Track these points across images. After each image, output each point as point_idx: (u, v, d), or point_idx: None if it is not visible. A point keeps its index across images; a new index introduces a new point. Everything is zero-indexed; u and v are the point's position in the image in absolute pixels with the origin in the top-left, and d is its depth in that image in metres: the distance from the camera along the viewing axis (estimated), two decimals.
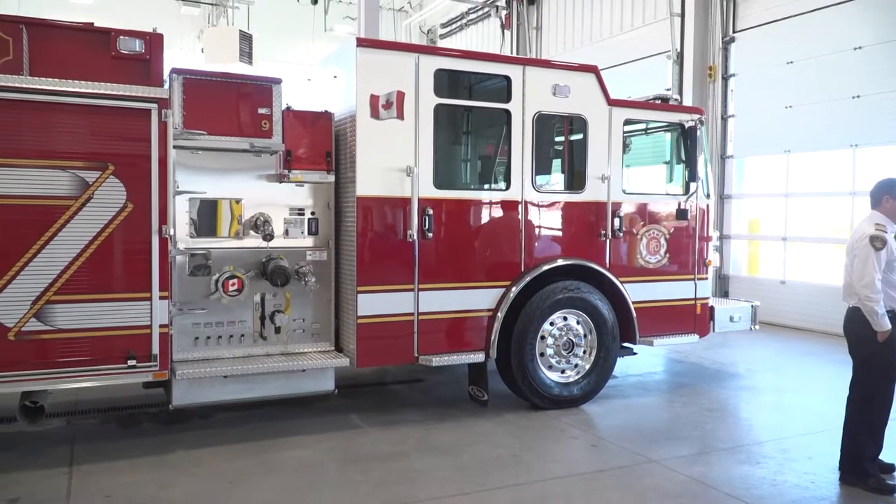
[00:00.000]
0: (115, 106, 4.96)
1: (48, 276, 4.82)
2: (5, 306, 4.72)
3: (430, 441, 5.70)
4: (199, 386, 5.40)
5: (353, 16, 20.31)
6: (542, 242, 6.60)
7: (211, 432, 5.81)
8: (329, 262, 6.04)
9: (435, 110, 6.09)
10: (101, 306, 4.98)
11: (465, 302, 6.25)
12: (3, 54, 4.75)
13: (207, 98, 5.41)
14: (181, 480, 4.82)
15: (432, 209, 6.04)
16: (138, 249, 5.06)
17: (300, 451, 5.41)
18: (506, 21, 18.55)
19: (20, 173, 4.75)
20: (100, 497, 4.52)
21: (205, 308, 5.56)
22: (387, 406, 6.69)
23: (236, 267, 5.67)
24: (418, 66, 6.01)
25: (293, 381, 5.75)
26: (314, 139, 5.94)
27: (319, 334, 6.01)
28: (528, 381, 6.42)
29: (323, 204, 6.02)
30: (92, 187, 4.93)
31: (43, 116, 4.82)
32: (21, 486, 4.64)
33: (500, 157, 6.77)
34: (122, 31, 5.11)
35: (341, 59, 6.25)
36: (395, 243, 5.95)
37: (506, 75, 6.42)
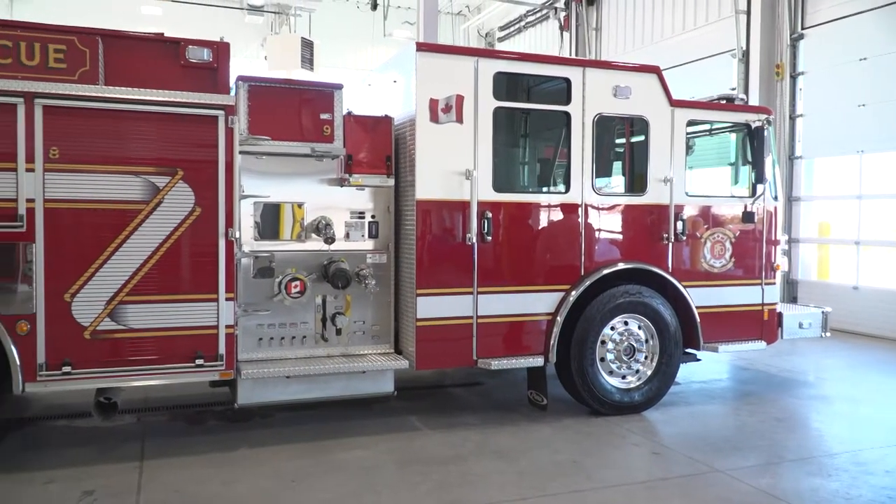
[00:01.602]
0: (185, 113, 5.13)
1: (121, 277, 5.01)
2: (82, 306, 4.92)
3: (489, 445, 5.68)
4: (263, 386, 5.52)
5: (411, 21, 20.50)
6: (602, 246, 6.51)
7: (273, 431, 5.93)
8: (389, 264, 6.09)
9: (494, 113, 6.08)
10: (171, 307, 5.14)
11: (523, 305, 6.22)
12: (80, 65, 4.96)
13: (272, 104, 5.53)
14: (245, 477, 4.93)
15: (491, 212, 6.03)
16: (205, 252, 5.21)
17: (360, 452, 5.47)
18: (564, 23, 18.41)
19: (96, 179, 4.96)
20: (168, 492, 4.66)
21: (268, 309, 5.68)
22: (445, 409, 6.71)
23: (298, 269, 5.77)
24: (477, 70, 6.02)
25: (353, 382, 5.82)
26: (374, 143, 6.01)
27: (379, 336, 6.07)
28: (587, 386, 6.35)
29: (383, 207, 6.08)
30: (162, 192, 5.10)
31: (117, 124, 5.01)
32: (96, 478, 4.83)
33: (560, 160, 6.72)
34: (190, 40, 5.28)
35: (401, 63, 6.30)
36: (453, 246, 5.97)
37: (565, 77, 6.37)
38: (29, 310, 4.82)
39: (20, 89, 4.75)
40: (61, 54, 4.92)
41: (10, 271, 4.79)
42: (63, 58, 4.92)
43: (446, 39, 20.91)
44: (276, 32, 19.88)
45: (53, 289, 4.86)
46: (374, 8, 19.28)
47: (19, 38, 4.82)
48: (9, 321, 4.77)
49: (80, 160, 4.92)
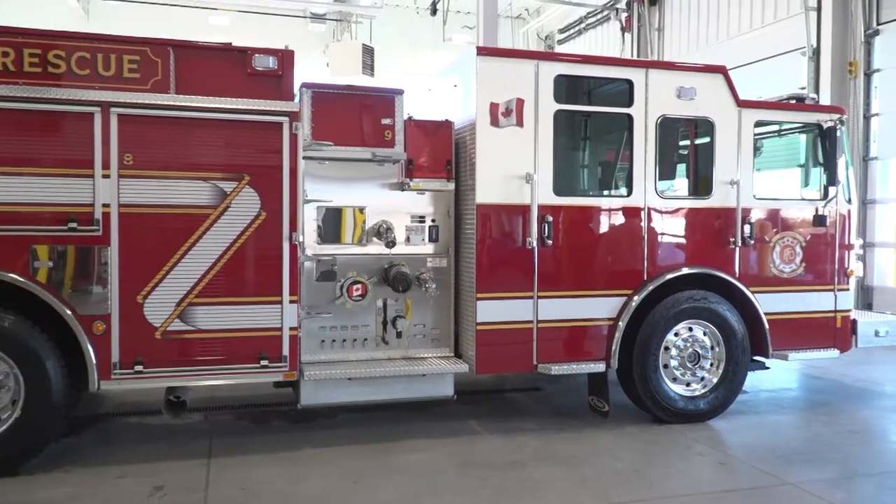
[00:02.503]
0: (251, 120, 5.26)
1: (190, 279, 5.16)
2: (153, 307, 5.10)
3: (549, 451, 5.63)
4: (325, 387, 5.61)
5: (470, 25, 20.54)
6: (666, 250, 6.38)
7: (335, 432, 6.01)
8: (449, 268, 6.11)
9: (555, 116, 6.04)
10: (237, 309, 5.27)
11: (584, 310, 6.15)
12: (152, 75, 5.14)
13: (334, 110, 5.63)
14: (309, 477, 5.02)
15: (551, 216, 5.99)
16: (270, 255, 5.33)
17: (420, 455, 5.50)
18: (626, 24, 18.15)
19: (167, 184, 5.13)
20: (235, 489, 4.78)
21: (330, 312, 5.77)
22: (505, 413, 6.69)
23: (360, 273, 5.85)
24: (538, 73, 5.99)
25: (414, 385, 5.86)
26: (435, 148, 6.05)
27: (439, 340, 6.09)
28: (650, 393, 6.23)
29: (443, 211, 6.11)
30: (229, 197, 5.25)
31: (187, 131, 5.17)
32: (165, 474, 4.99)
33: (622, 163, 6.63)
34: (257, 49, 5.40)
35: (461, 68, 6.33)
36: (514, 250, 5.95)
37: (628, 79, 6.27)
38: (104, 310, 5.01)
39: (97, 99, 4.95)
40: (135, 65, 5.11)
41: (86, 273, 4.99)
42: (137, 68, 5.10)
43: (506, 43, 20.87)
44: (338, 39, 20.22)
45: (127, 290, 5.05)
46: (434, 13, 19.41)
47: (97, 50, 5.03)
48: (86, 321, 4.98)
49: (152, 166, 5.10)
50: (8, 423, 4.88)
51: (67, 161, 4.94)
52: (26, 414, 4.87)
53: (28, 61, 4.90)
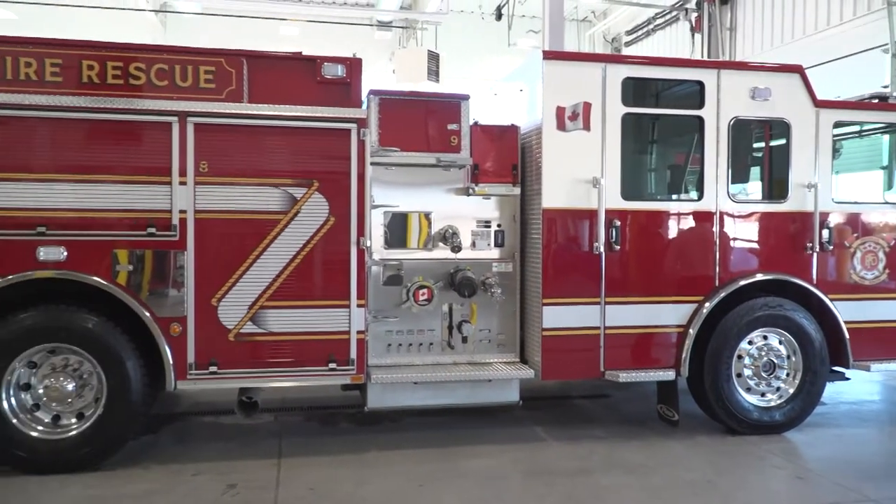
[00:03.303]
0: (320, 127, 5.37)
1: (262, 283, 5.30)
2: (227, 310, 5.25)
3: (617, 459, 5.54)
4: (392, 390, 5.67)
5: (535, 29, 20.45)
6: (739, 255, 6.20)
7: (401, 435, 6.06)
8: (514, 273, 6.09)
9: (622, 120, 5.95)
10: (306, 312, 5.38)
11: (653, 317, 6.02)
12: (227, 84, 5.30)
13: (401, 116, 5.69)
14: (375, 479, 5.07)
15: (619, 221, 5.90)
16: (339, 260, 5.42)
17: (485, 460, 5.49)
18: (696, 24, 17.71)
19: (240, 191, 5.28)
20: (304, 489, 4.87)
21: (397, 316, 5.82)
22: (571, 420, 6.61)
23: (426, 277, 5.88)
24: (605, 76, 5.92)
25: (479, 390, 5.85)
26: (501, 152, 6.04)
27: (505, 345, 6.07)
28: (723, 402, 6.05)
29: (509, 216, 6.10)
30: (299, 202, 5.36)
31: (259, 139, 5.31)
32: (238, 472, 5.13)
33: (692, 166, 6.47)
34: (326, 57, 5.50)
35: (527, 72, 6.30)
36: (580, 256, 5.88)
37: (698, 80, 6.13)
38: (181, 313, 5.19)
39: (175, 109, 5.14)
40: (210, 75, 5.28)
41: (164, 277, 5.18)
42: (212, 78, 5.27)
43: (572, 46, 20.69)
44: (404, 46, 20.45)
45: (202, 294, 5.22)
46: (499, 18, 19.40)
47: (175, 62, 5.22)
48: (163, 323, 5.17)
49: (226, 173, 5.26)
50: (91, 419, 5.11)
51: (146, 169, 5.15)
52: (108, 411, 5.09)
53: (111, 74, 5.13)
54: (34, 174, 4.99)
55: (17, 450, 4.98)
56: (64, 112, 5.01)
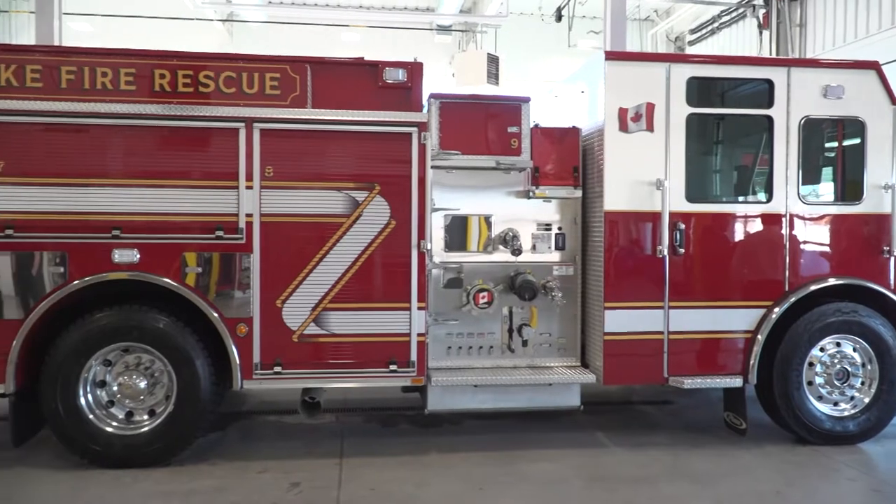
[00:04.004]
0: (382, 131, 5.43)
1: (325, 285, 5.39)
2: (291, 311, 5.36)
3: (681, 467, 5.42)
4: (452, 393, 5.68)
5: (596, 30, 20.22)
6: (809, 259, 5.98)
7: (461, 438, 6.07)
8: (575, 277, 6.03)
9: (687, 120, 5.83)
10: (368, 314, 5.45)
11: (719, 322, 5.87)
12: (291, 91, 5.42)
13: (462, 120, 5.70)
14: (436, 481, 5.09)
15: (684, 223, 5.78)
16: (399, 263, 5.47)
17: (546, 465, 5.45)
18: (763, 20, 17.20)
19: (304, 194, 5.38)
20: (365, 489, 4.93)
21: (457, 319, 5.84)
22: (634, 426, 6.50)
23: (486, 280, 5.88)
24: (669, 76, 5.81)
25: (539, 394, 5.81)
26: (561, 155, 5.99)
27: (565, 349, 6.02)
28: (793, 411, 5.85)
29: (570, 219, 6.04)
30: (361, 206, 5.43)
31: (322, 143, 5.41)
32: (302, 471, 5.23)
33: (760, 167, 6.28)
34: (388, 62, 5.56)
35: (589, 73, 6.24)
36: (643, 259, 5.78)
37: (767, 79, 5.95)
38: (247, 314, 5.32)
39: (242, 115, 5.29)
40: (276, 82, 5.40)
41: (231, 279, 5.33)
42: (277, 85, 5.39)
43: (633, 46, 20.37)
44: (463, 50, 20.50)
45: (267, 295, 5.34)
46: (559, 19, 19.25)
47: (242, 69, 5.37)
48: (230, 323, 5.31)
49: (290, 178, 5.37)
50: (162, 416, 5.28)
51: (215, 174, 5.30)
52: (178, 408, 5.26)
53: (182, 82, 5.30)
54: (109, 179, 5.20)
55: (93, 444, 5.19)
56: (137, 119, 5.20)
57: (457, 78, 17.07)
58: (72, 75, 5.17)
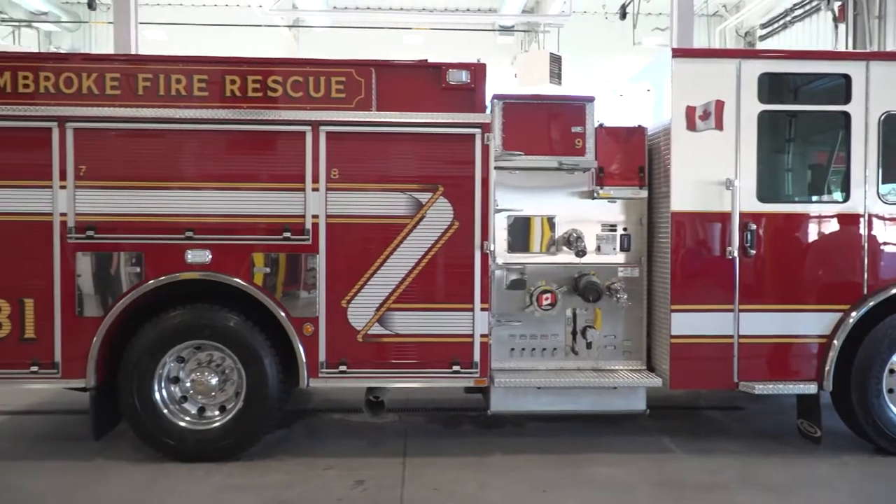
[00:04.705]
0: (446, 133, 5.46)
1: (389, 285, 5.44)
2: (356, 311, 5.44)
3: (752, 476, 5.26)
4: (515, 395, 5.66)
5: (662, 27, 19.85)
6: (890, 261, 5.71)
7: (524, 440, 6.04)
8: (641, 279, 5.93)
9: (758, 118, 5.66)
10: (431, 315, 5.48)
11: (793, 326, 5.67)
12: (356, 94, 5.49)
13: (525, 120, 5.68)
14: (498, 483, 5.08)
15: (755, 224, 5.61)
16: (462, 264, 5.48)
17: (610, 469, 5.37)
18: (839, 13, 16.54)
19: (368, 196, 5.45)
20: (428, 489, 4.96)
21: (520, 320, 5.82)
22: (702, 432, 6.34)
23: (549, 282, 5.84)
24: (740, 72, 5.65)
25: (604, 397, 5.73)
26: (627, 155, 5.90)
27: (630, 352, 5.93)
28: (872, 420, 5.60)
29: (635, 220, 5.95)
30: (424, 207, 5.47)
31: (386, 146, 5.47)
32: (366, 469, 5.30)
33: (836, 166, 6.04)
34: (451, 64, 5.58)
35: (654, 71, 6.12)
36: (712, 260, 5.64)
37: (844, 73, 5.72)
38: (313, 313, 5.43)
39: (309, 119, 5.39)
40: (341, 85, 5.49)
41: (297, 279, 5.44)
42: (343, 88, 5.48)
43: (701, 43, 19.90)
44: (526, 50, 20.42)
45: (333, 295, 5.43)
46: (624, 17, 19.00)
47: (308, 74, 5.47)
48: (297, 323, 5.42)
49: (355, 179, 5.45)
50: (232, 412, 5.43)
51: (282, 176, 5.42)
52: (247, 405, 5.40)
53: (251, 87, 5.44)
54: (183, 182, 5.38)
55: (167, 438, 5.38)
56: (209, 124, 5.36)
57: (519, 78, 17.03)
58: (148, 82, 5.38)
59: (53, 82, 5.34)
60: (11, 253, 5.29)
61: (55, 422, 6.53)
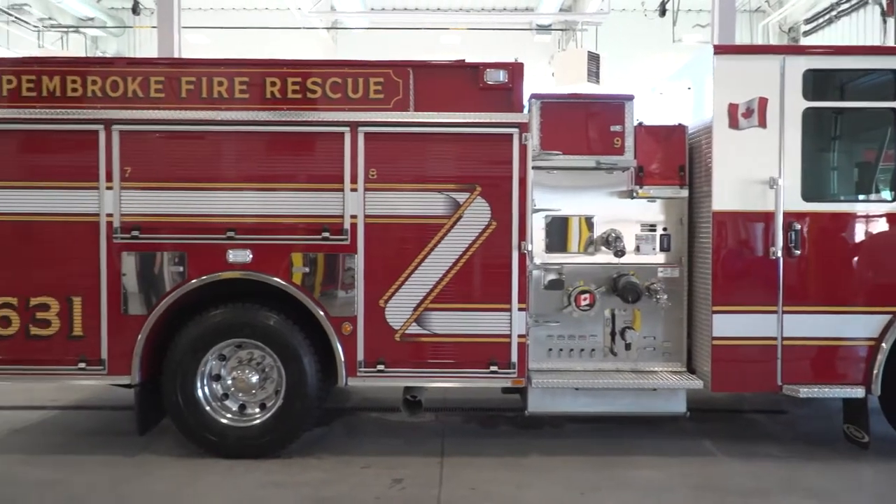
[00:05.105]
0: (483, 133, 5.45)
1: (426, 285, 5.46)
2: (394, 311, 5.46)
3: (797, 481, 5.14)
4: (553, 395, 5.63)
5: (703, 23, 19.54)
6: None
7: (562, 441, 6.00)
8: (681, 279, 5.85)
9: (803, 115, 5.54)
10: (469, 315, 5.47)
11: (839, 328, 5.53)
12: (394, 94, 5.52)
13: (563, 120, 5.65)
14: (536, 484, 5.06)
15: (799, 224, 5.49)
16: (500, 264, 5.46)
17: (649, 472, 5.31)
18: (888, 7, 16.10)
19: (406, 196, 5.47)
20: (466, 488, 4.97)
21: (558, 321, 5.78)
22: (744, 436, 6.22)
23: (587, 282, 5.80)
24: (784, 69, 5.53)
25: (643, 399, 5.67)
26: (667, 153, 5.83)
27: (670, 353, 5.85)
28: None
29: (675, 219, 5.87)
30: (462, 207, 5.47)
31: (424, 146, 5.48)
32: (403, 468, 5.32)
33: (885, 164, 5.88)
34: (489, 64, 5.57)
35: (695, 68, 6.03)
36: (755, 261, 5.53)
37: (894, 69, 5.57)
38: (351, 313, 5.47)
39: (347, 119, 5.43)
40: (379, 86, 5.52)
41: (336, 279, 5.49)
42: (381, 89, 5.51)
43: (743, 39, 19.57)
44: (563, 49, 20.29)
45: (371, 295, 5.46)
46: (663, 14, 18.76)
47: (347, 75, 5.51)
48: (336, 322, 5.47)
49: (393, 180, 5.47)
50: (272, 410, 5.51)
51: (321, 177, 5.47)
52: (287, 403, 5.46)
53: (291, 89, 5.51)
54: (225, 183, 5.46)
55: (209, 434, 5.47)
56: (250, 126, 5.44)
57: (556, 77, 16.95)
58: (191, 85, 5.48)
59: (100, 86, 5.47)
60: (60, 252, 5.44)
61: (101, 417, 6.70)
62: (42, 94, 5.47)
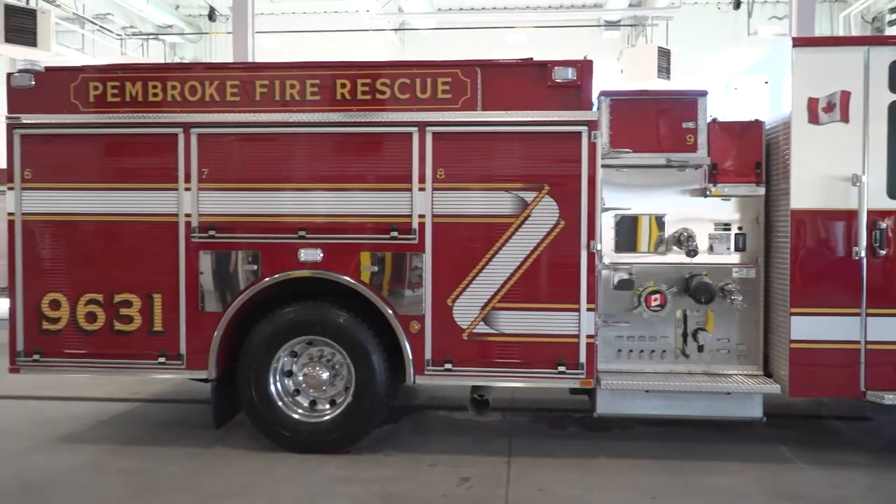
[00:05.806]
0: (551, 131, 5.41)
1: (494, 285, 5.45)
2: (461, 310, 5.48)
3: (882, 490, 4.92)
4: (622, 397, 5.54)
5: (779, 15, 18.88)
6: None
7: (632, 444, 5.90)
8: (757, 280, 5.67)
9: (889, 109, 5.29)
10: (536, 315, 5.44)
11: None
12: (462, 94, 5.53)
13: (634, 117, 5.55)
14: (605, 486, 4.99)
15: (885, 223, 5.25)
16: (568, 263, 5.41)
17: (723, 478, 5.16)
18: None
19: (473, 196, 5.48)
20: (533, 489, 4.94)
21: (627, 321, 5.69)
22: (823, 443, 5.98)
23: (658, 282, 5.68)
24: (868, 61, 5.30)
25: (716, 403, 5.52)
26: (742, 150, 5.66)
27: (746, 356, 5.68)
28: None
29: (751, 218, 5.69)
30: (530, 206, 5.44)
31: (491, 145, 5.48)
32: (470, 467, 5.33)
33: None
34: (557, 61, 5.51)
35: (772, 62, 5.84)
36: (836, 261, 5.32)
37: None
38: (419, 311, 5.51)
39: (416, 119, 5.48)
40: (447, 86, 5.54)
41: (404, 278, 5.54)
42: (448, 89, 5.53)
43: (822, 31, 18.77)
44: (632, 45, 19.92)
45: (439, 294, 5.49)
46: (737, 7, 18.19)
47: (415, 76, 5.56)
48: (404, 321, 5.52)
49: (460, 179, 5.49)
50: (342, 406, 5.61)
51: (390, 177, 5.53)
52: (357, 400, 5.55)
53: (360, 90, 5.59)
54: (297, 184, 5.59)
55: (282, 429, 5.62)
56: (321, 127, 5.56)
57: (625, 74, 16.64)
58: (265, 88, 5.63)
59: (179, 91, 5.68)
60: (141, 251, 5.67)
61: (179, 410, 6.96)
62: (125, 100, 5.72)
